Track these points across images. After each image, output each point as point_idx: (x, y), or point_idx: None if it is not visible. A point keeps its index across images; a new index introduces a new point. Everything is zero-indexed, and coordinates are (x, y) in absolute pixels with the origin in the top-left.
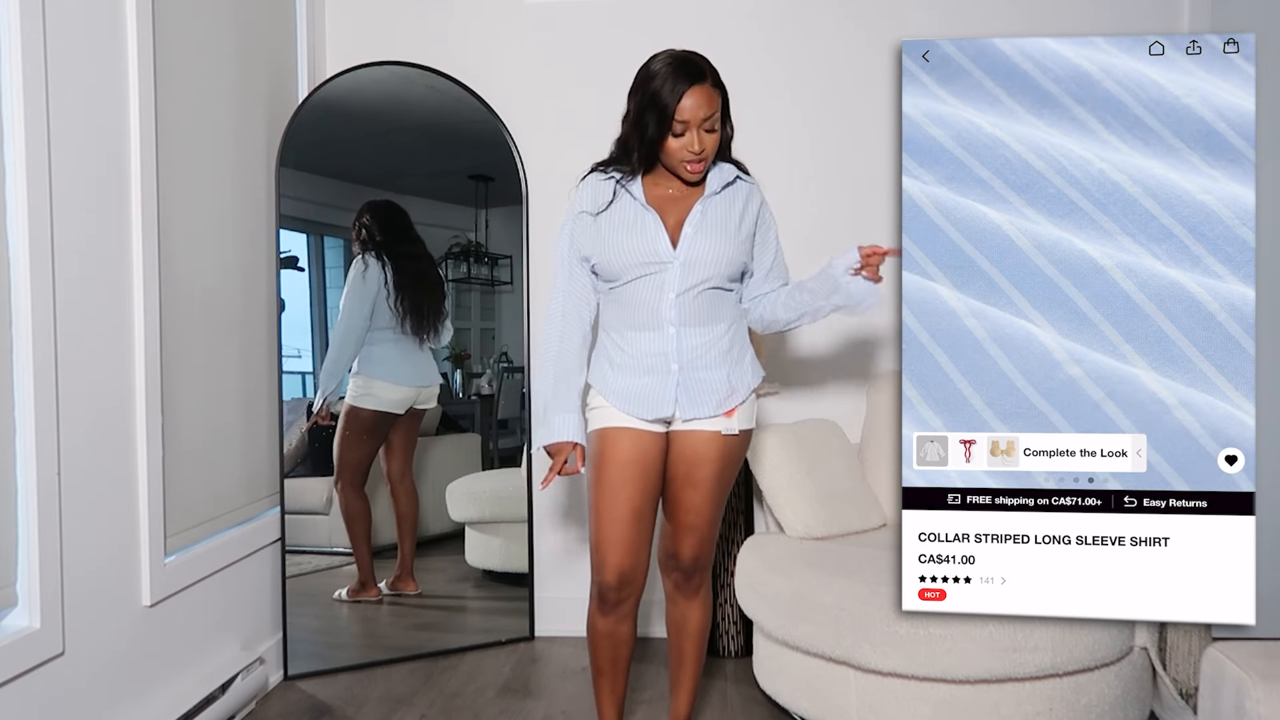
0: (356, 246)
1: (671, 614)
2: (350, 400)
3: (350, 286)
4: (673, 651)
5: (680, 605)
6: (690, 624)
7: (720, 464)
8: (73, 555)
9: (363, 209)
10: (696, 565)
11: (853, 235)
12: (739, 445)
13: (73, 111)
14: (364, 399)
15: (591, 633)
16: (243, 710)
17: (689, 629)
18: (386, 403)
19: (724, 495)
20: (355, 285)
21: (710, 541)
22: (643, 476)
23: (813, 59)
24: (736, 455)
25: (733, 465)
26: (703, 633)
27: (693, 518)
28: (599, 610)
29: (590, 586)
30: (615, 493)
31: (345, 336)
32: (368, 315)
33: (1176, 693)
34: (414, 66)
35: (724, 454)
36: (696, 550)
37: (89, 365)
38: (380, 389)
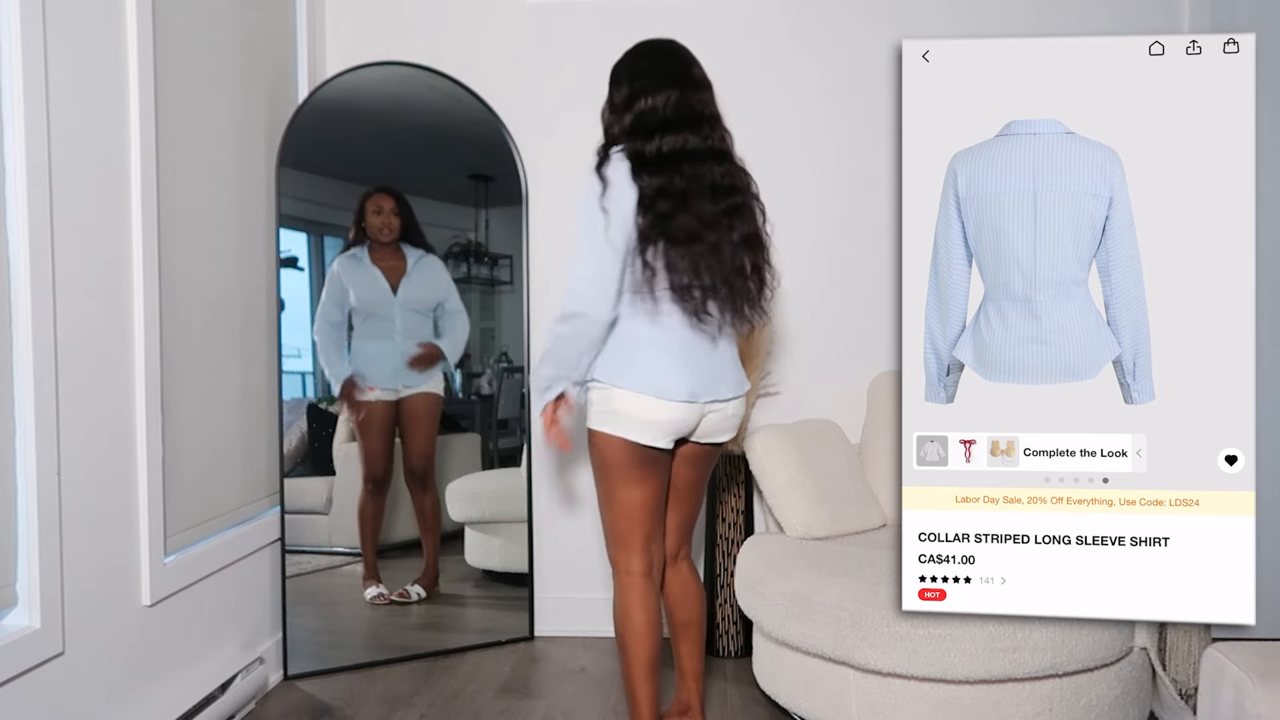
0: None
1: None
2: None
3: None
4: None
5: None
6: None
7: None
8: (73, 555)
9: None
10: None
11: (853, 235)
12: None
13: (73, 111)
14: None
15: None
16: (243, 710)
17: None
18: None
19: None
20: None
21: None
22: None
23: (813, 59)
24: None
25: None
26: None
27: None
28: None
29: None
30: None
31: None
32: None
33: (1176, 693)
34: (414, 66)
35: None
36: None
37: (89, 365)
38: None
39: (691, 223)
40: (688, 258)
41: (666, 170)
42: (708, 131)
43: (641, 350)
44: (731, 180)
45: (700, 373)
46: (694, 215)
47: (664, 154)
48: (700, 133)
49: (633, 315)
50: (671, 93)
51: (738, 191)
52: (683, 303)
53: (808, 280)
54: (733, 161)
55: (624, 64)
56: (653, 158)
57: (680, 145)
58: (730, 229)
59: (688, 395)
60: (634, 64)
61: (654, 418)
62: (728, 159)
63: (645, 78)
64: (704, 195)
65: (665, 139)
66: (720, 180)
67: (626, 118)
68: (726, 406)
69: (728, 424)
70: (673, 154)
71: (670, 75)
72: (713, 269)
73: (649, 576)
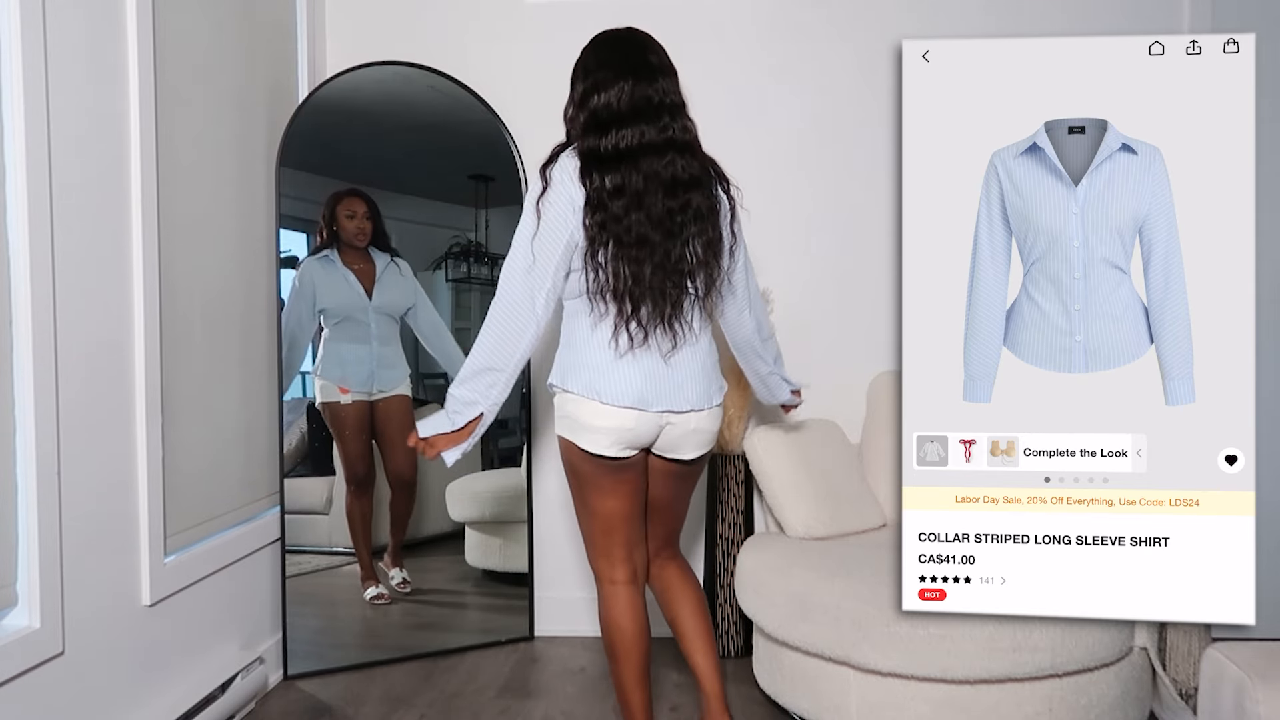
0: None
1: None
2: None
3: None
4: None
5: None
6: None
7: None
8: (73, 555)
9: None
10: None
11: (854, 235)
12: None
13: (73, 111)
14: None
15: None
16: (242, 710)
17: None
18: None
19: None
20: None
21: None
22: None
23: (813, 59)
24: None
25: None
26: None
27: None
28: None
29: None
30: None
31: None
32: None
33: (1176, 693)
34: (414, 66)
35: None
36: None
37: (89, 365)
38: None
39: (642, 224)
40: (632, 262)
41: (622, 167)
42: (666, 122)
43: (588, 353)
44: (692, 173)
45: (653, 379)
46: (645, 215)
47: (620, 150)
48: (658, 124)
49: (581, 315)
50: (625, 84)
51: (698, 186)
52: (624, 309)
53: (807, 280)
54: (696, 153)
55: (581, 59)
56: (608, 154)
57: (637, 140)
58: (683, 231)
59: (634, 401)
60: (589, 57)
61: (600, 424)
62: (689, 150)
63: (599, 70)
64: (659, 191)
65: (621, 133)
66: (680, 174)
67: (582, 115)
68: (688, 419)
69: (693, 439)
70: (629, 150)
71: (625, 66)
72: (655, 276)
73: (633, 584)
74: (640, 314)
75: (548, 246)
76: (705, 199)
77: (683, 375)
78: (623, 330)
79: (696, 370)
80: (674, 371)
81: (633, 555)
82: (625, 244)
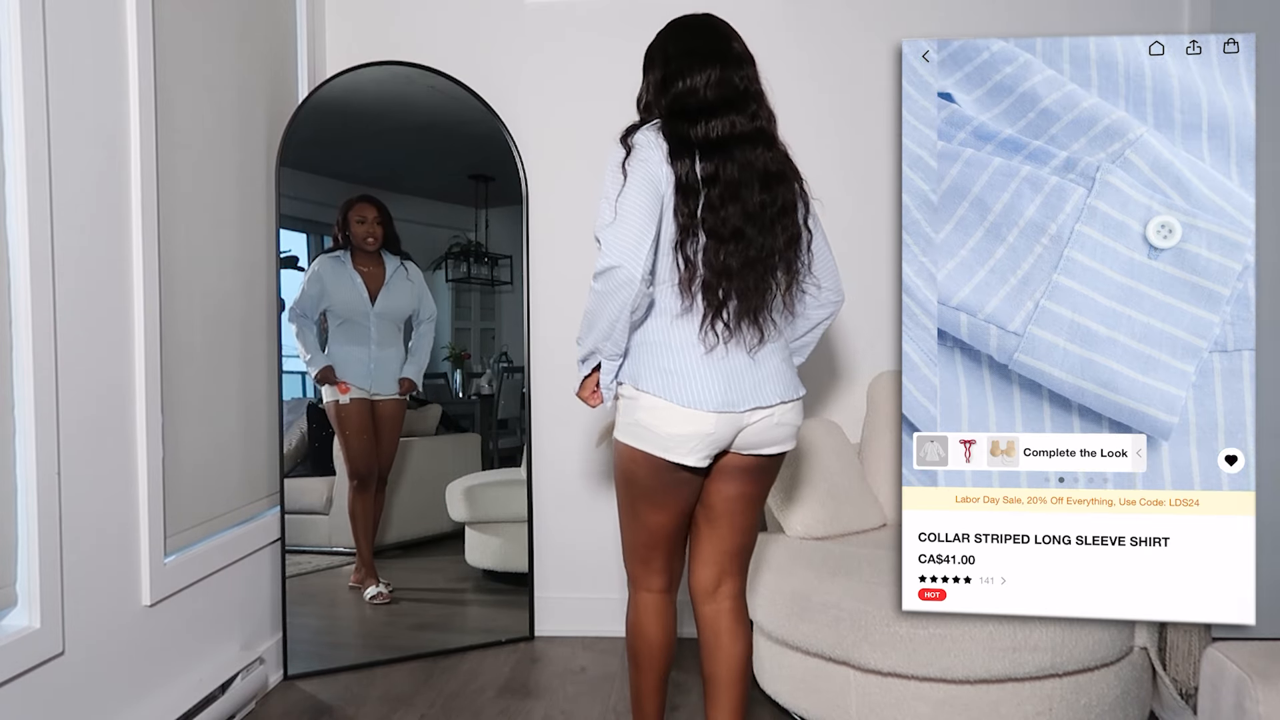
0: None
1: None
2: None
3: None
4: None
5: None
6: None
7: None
8: (73, 555)
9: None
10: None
11: (854, 235)
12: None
13: (73, 111)
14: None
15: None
16: (243, 710)
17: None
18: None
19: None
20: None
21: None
22: None
23: (814, 59)
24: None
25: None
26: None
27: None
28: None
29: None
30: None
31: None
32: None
33: (1176, 693)
34: (414, 66)
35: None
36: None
37: (89, 365)
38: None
39: (737, 217)
40: (727, 255)
41: (717, 157)
42: (754, 110)
43: (669, 351)
44: (780, 167)
45: (737, 377)
46: (741, 208)
47: (711, 139)
48: (746, 113)
49: (663, 313)
50: (711, 71)
51: (787, 180)
52: (713, 302)
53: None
54: (776, 144)
55: (657, 44)
56: (700, 143)
57: (728, 130)
58: (773, 226)
59: (719, 405)
60: (668, 43)
61: (680, 430)
62: (774, 142)
63: (681, 57)
64: (755, 184)
65: (711, 123)
66: (770, 166)
67: (663, 100)
68: (773, 413)
69: (778, 432)
70: (720, 140)
71: (709, 53)
72: (745, 270)
73: (668, 593)
74: (728, 309)
75: (636, 200)
76: (789, 193)
77: (769, 370)
78: (709, 326)
79: (780, 364)
80: (759, 367)
81: (671, 564)
82: (721, 237)
